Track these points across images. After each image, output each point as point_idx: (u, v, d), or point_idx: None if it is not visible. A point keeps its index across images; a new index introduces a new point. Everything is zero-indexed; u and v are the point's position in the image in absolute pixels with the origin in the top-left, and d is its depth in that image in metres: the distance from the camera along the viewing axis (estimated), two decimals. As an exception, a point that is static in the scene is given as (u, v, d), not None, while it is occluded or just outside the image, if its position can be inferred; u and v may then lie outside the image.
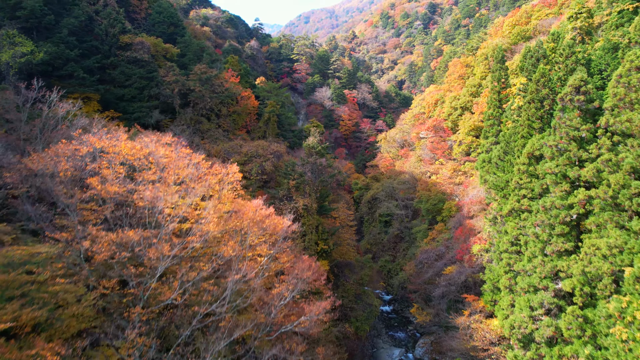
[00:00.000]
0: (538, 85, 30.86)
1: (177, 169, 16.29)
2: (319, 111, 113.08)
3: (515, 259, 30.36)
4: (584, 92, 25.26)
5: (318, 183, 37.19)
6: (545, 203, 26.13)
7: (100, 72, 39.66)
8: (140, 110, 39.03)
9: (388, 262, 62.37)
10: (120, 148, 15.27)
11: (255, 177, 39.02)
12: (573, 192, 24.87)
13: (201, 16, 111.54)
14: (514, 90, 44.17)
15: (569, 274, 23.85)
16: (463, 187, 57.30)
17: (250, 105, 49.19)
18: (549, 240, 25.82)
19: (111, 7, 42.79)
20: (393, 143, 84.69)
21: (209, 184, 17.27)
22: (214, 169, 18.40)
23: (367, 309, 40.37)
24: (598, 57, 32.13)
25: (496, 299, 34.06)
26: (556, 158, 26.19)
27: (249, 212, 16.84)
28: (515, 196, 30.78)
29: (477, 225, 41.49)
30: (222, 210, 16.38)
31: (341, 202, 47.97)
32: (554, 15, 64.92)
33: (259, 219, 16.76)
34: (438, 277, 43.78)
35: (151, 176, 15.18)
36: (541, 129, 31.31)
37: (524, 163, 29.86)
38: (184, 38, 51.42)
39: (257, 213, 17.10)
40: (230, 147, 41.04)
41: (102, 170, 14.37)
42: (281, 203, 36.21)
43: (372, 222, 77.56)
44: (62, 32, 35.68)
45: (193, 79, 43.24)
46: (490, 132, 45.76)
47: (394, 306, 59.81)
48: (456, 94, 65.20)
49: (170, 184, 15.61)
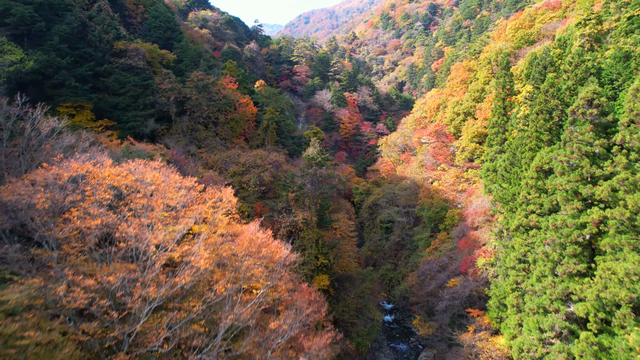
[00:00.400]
0: (547, 96, 29.68)
1: (166, 197, 15.11)
2: (319, 114, 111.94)
3: (523, 277, 29.21)
4: (597, 105, 24.07)
5: (318, 195, 36.04)
6: (555, 221, 24.96)
7: (94, 80, 38.46)
8: (135, 120, 37.82)
9: (389, 270, 61.16)
10: (105, 175, 14.11)
11: (254, 188, 37.86)
12: (585, 210, 23.70)
13: (200, 18, 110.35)
14: (519, 98, 42.96)
15: (581, 297, 22.69)
16: (466, 194, 56.11)
17: (248, 112, 47.99)
18: (559, 260, 24.66)
19: (105, 12, 41.56)
20: (394, 147, 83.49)
21: (202, 211, 16.08)
22: (207, 193, 17.20)
23: (369, 323, 39.22)
24: (609, 66, 30.95)
25: (502, 316, 32.91)
26: (567, 174, 25.01)
27: (244, 241, 15.68)
28: (523, 211, 29.63)
29: (482, 237, 40.28)
30: (214, 241, 15.21)
31: (342, 212, 46.81)
32: (558, 19, 63.74)
33: (255, 249, 15.60)
34: (441, 290, 42.58)
35: (138, 205, 14.00)
36: (550, 141, 30.14)
37: (533, 177, 28.69)
38: (180, 43, 50.16)
39: (253, 242, 15.93)
40: (228, 157, 39.86)
41: (83, 202, 13.19)
42: (280, 215, 35.06)
43: (373, 227, 76.36)
44: (54, 39, 34.47)
45: (190, 86, 42.00)
46: (495, 140, 44.59)
47: (395, 316, 58.61)
48: (459, 99, 64.01)
49: (158, 215, 14.44)
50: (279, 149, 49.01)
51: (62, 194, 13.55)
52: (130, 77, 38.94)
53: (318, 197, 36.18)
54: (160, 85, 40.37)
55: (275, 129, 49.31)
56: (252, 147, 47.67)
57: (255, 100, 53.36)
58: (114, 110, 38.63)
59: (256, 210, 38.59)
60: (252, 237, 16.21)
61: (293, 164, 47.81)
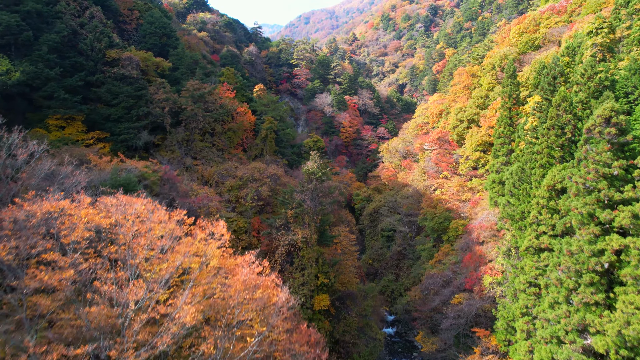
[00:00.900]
0: (558, 110, 28.20)
1: (150, 236, 13.65)
2: (319, 118, 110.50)
3: (534, 301, 27.78)
4: (615, 124, 22.59)
5: (318, 211, 34.60)
6: (570, 246, 23.50)
7: (85, 90, 36.99)
8: (128, 132, 36.33)
9: (391, 282, 59.69)
10: (81, 216, 12.66)
11: (251, 203, 36.41)
12: (603, 236, 22.24)
13: (198, 20, 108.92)
14: (527, 108, 41.48)
15: (600, 330, 21.23)
16: (470, 204, 54.67)
17: (246, 122, 46.50)
18: (575, 288, 23.21)
19: (97, 19, 40.06)
20: (395, 153, 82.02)
21: (191, 249, 14.64)
22: (197, 228, 15.76)
23: (371, 343, 37.77)
24: (623, 79, 29.49)
25: (511, 339, 31.47)
26: (583, 195, 23.54)
27: (237, 284, 14.23)
28: (534, 232, 28.18)
29: (488, 253, 38.84)
30: (204, 281, 13.77)
31: (343, 225, 45.31)
32: (564, 24, 62.25)
33: (249, 296, 14.14)
34: (445, 307, 41.14)
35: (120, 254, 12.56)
36: (562, 157, 28.68)
37: (544, 197, 27.24)
38: (176, 50, 48.59)
39: (247, 284, 14.47)
40: (225, 170, 38.40)
41: (54, 250, 11.75)
42: (279, 233, 33.64)
43: (374, 235, 74.88)
44: (42, 49, 32.98)
45: (185, 96, 40.49)
46: (501, 151, 43.14)
47: (397, 328, 57.21)
48: (462, 106, 62.53)
49: (141, 259, 12.98)
50: (277, 160, 47.50)
51: (32, 240, 12.09)
52: (123, 87, 37.45)
53: (318, 213, 34.76)
54: (155, 96, 38.88)
55: (274, 138, 47.82)
56: (250, 157, 46.16)
57: (254, 108, 51.83)
58: (106, 122, 37.16)
59: (254, 226, 37.16)
60: (245, 278, 14.77)
61: (292, 175, 46.32)
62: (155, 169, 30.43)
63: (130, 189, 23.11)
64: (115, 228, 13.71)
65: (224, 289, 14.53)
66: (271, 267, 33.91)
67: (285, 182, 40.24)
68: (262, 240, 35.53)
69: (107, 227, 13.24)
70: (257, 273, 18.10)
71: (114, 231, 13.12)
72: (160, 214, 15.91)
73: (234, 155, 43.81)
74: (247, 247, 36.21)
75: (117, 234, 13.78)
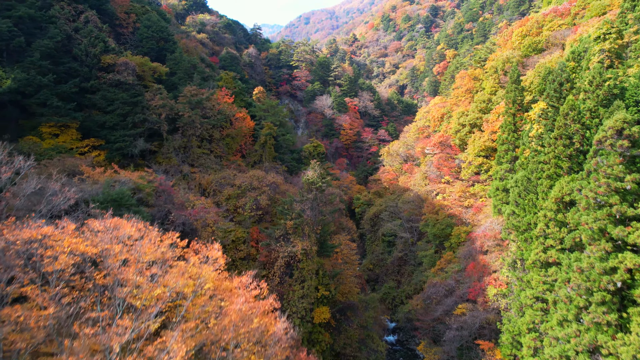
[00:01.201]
0: (566, 119, 27.31)
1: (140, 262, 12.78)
2: (320, 120, 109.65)
3: (541, 317, 26.92)
4: (628, 136, 21.70)
5: (318, 222, 33.70)
6: (580, 263, 22.63)
7: (80, 96, 36.08)
8: (123, 140, 35.41)
9: (392, 289, 58.76)
10: (64, 246, 11.79)
11: (249, 213, 35.52)
12: (615, 253, 21.36)
13: (198, 22, 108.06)
14: (532, 115, 40.59)
15: (613, 353, 20.37)
16: (473, 210, 53.78)
17: (245, 127, 45.57)
18: (585, 307, 22.34)
19: (93, 23, 39.14)
20: (396, 157, 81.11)
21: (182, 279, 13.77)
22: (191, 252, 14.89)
23: (372, 355, 36.92)
24: (633, 86, 28.61)
25: (517, 354, 30.63)
26: (593, 210, 22.65)
27: (232, 314, 13.35)
28: (541, 245, 27.31)
29: (493, 263, 37.95)
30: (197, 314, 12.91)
31: (343, 232, 44.42)
32: (567, 27, 61.32)
33: (245, 329, 13.26)
34: (448, 317, 40.29)
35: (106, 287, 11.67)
36: (570, 168, 27.80)
37: (552, 209, 26.36)
38: (174, 55, 47.65)
39: (243, 314, 13.59)
40: (223, 178, 37.50)
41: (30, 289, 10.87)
42: (278, 244, 32.76)
43: (375, 240, 73.99)
44: (34, 55, 32.07)
45: (182, 102, 39.55)
46: (505, 158, 42.26)
47: (398, 336, 56.28)
48: (464, 110, 61.64)
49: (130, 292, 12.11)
50: (277, 166, 46.57)
51: (10, 272, 11.22)
52: (118, 93, 36.54)
53: (318, 223, 33.87)
54: (151, 102, 37.96)
55: (273, 144, 46.90)
56: (248, 164, 45.23)
57: (253, 113, 50.90)
58: (101, 129, 36.27)
59: (252, 236, 36.29)
60: (242, 307, 13.90)
61: (292, 182, 45.40)
62: (150, 179, 29.54)
63: (123, 203, 22.23)
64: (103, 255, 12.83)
65: (218, 321, 13.65)
66: (270, 279, 33.04)
67: (284, 190, 39.35)
68: (261, 251, 34.65)
69: (92, 256, 12.36)
70: (254, 296, 17.25)
71: (101, 258, 12.25)
72: (152, 235, 15.06)
73: (232, 162, 42.86)
74: (246, 257, 35.36)
75: (105, 262, 12.90)
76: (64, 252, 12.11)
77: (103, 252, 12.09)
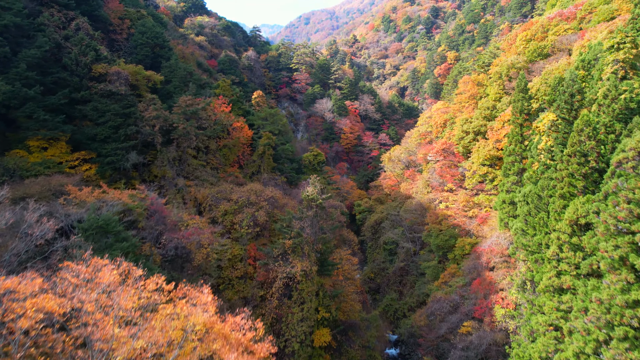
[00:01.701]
0: (581, 136, 25.81)
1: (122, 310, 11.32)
2: (320, 123, 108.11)
3: (555, 346, 25.43)
4: (651, 159, 20.21)
5: (319, 239, 32.20)
6: (599, 294, 21.14)
7: (69, 108, 34.56)
8: (115, 153, 33.87)
9: (394, 300, 57.28)
10: (27, 306, 10.34)
11: (247, 229, 34.02)
12: (638, 284, 19.87)
13: (196, 24, 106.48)
14: (540, 126, 39.09)
15: (636, 394, 18.90)
16: (477, 221, 52.33)
17: (243, 137, 44.06)
18: (605, 341, 20.86)
19: (84, 31, 37.59)
20: (398, 163, 79.59)
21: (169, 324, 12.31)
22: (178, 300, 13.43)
23: (375, 378, 35.44)
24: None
25: (527, 381, 29.13)
26: (613, 236, 21.17)
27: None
28: (554, 269, 25.84)
29: (500, 282, 36.49)
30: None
31: (344, 246, 42.91)
32: (573, 31, 59.83)
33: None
34: (453, 335, 38.84)
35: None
36: (585, 187, 26.29)
37: (566, 232, 24.88)
38: (169, 62, 46.05)
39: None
40: (219, 192, 36.01)
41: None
42: (276, 263, 31.29)
43: (376, 248, 72.47)
44: (20, 66, 30.54)
45: (177, 113, 38.02)
46: (512, 169, 40.77)
47: (401, 349, 54.83)
48: (468, 116, 60.16)
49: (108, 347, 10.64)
50: (275, 177, 45.08)
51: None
52: (110, 104, 34.99)
53: (319, 241, 32.36)
54: (145, 113, 36.43)
55: (272, 154, 45.39)
56: (246, 175, 43.71)
57: (251, 122, 49.37)
58: (92, 142, 34.76)
59: (250, 254, 34.81)
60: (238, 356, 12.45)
61: (291, 194, 43.90)
62: (142, 197, 28.05)
63: (109, 230, 20.74)
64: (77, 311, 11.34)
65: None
66: (268, 300, 31.49)
67: (283, 204, 37.86)
68: (259, 271, 33.16)
69: (62, 313, 10.89)
70: (249, 339, 15.79)
71: (76, 313, 10.79)
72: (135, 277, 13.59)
73: (229, 175, 41.34)
74: (243, 276, 33.86)
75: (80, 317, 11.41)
76: (30, 310, 10.63)
77: (76, 308, 10.63)
